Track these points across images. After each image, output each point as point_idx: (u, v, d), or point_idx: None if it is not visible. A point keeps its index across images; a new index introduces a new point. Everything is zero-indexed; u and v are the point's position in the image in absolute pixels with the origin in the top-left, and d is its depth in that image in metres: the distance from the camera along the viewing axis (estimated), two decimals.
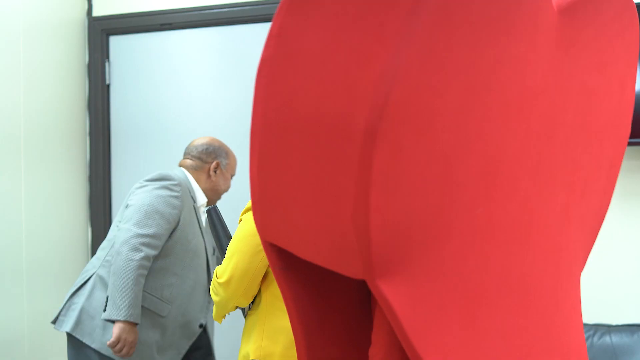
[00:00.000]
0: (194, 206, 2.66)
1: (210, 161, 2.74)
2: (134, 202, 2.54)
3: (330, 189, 1.03)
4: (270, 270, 1.81)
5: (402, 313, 1.00)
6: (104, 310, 2.42)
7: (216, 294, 1.83)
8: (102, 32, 3.52)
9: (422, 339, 1.02)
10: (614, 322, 3.00)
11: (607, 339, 2.89)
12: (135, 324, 2.42)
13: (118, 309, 2.38)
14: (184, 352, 2.65)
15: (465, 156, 1.06)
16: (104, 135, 3.51)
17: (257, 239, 1.76)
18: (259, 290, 1.85)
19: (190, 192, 2.66)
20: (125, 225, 2.48)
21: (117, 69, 3.53)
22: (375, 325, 1.27)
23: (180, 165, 2.76)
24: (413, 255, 1.03)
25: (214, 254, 2.88)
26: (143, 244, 2.44)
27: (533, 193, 1.22)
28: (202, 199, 2.73)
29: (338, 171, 1.00)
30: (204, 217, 2.78)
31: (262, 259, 1.77)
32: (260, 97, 1.09)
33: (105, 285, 2.52)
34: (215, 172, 2.74)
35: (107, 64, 3.53)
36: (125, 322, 2.38)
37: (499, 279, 1.15)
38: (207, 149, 2.76)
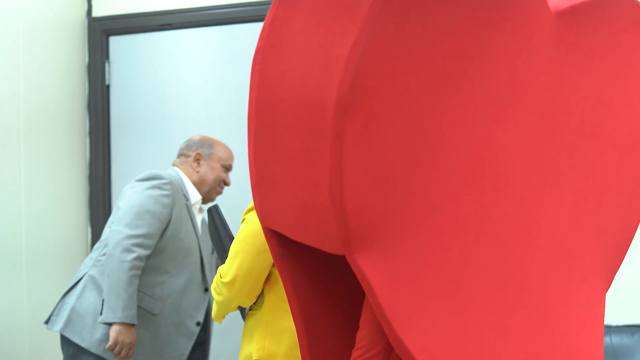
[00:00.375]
0: (186, 204, 2.67)
1: (191, 154, 2.76)
2: (124, 202, 2.55)
3: (312, 165, 1.04)
4: (274, 270, 1.81)
5: (379, 289, 1.01)
6: (101, 314, 2.44)
7: (219, 294, 1.82)
8: (102, 32, 3.52)
9: (399, 316, 1.03)
10: (614, 323, 2.99)
11: (607, 339, 2.89)
12: (132, 325, 2.43)
13: (113, 312, 2.40)
14: (187, 352, 2.64)
15: (449, 141, 1.07)
16: (104, 135, 3.51)
17: (261, 239, 1.76)
18: (262, 291, 1.85)
19: (182, 191, 2.67)
20: (116, 227, 2.50)
21: (117, 69, 3.53)
22: (364, 310, 1.28)
23: (173, 165, 2.79)
24: (393, 233, 1.03)
25: (212, 252, 2.88)
26: (135, 245, 2.46)
27: (532, 192, 1.21)
28: (195, 197, 2.73)
29: (317, 146, 1.02)
30: (198, 216, 2.78)
31: (267, 259, 1.77)
32: (255, 84, 1.12)
33: (96, 285, 2.54)
34: (198, 162, 2.75)
35: (106, 64, 3.54)
36: (121, 324, 2.40)
37: (490, 270, 1.15)
38: (188, 143, 2.80)
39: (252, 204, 1.82)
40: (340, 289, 1.39)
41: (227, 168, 2.81)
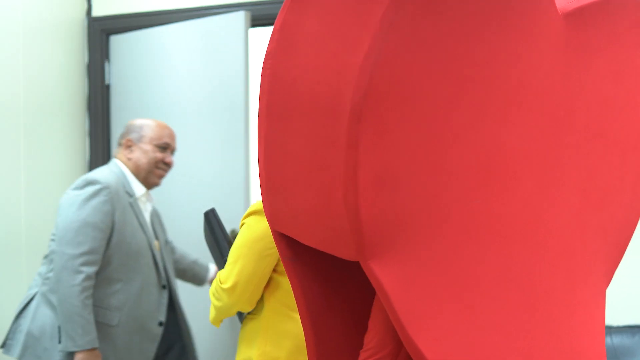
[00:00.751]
0: (130, 202, 2.57)
1: (123, 142, 2.68)
2: (62, 218, 2.43)
3: (325, 171, 1.06)
4: (274, 276, 1.81)
5: (394, 294, 1.02)
6: (59, 342, 2.37)
7: (218, 300, 1.81)
8: (101, 32, 3.52)
9: (413, 320, 1.04)
10: (614, 324, 3.00)
11: (608, 340, 2.89)
12: (95, 349, 2.36)
13: (72, 340, 2.33)
14: (152, 355, 2.59)
15: (458, 145, 1.08)
16: (103, 135, 3.51)
17: (262, 244, 1.75)
18: (261, 296, 1.84)
19: (125, 187, 2.57)
20: (58, 247, 2.38)
21: (117, 69, 3.53)
22: (373, 312, 1.29)
23: (113, 156, 2.71)
24: (406, 238, 1.05)
25: (166, 244, 2.79)
26: (81, 264, 2.36)
27: (538, 193, 1.22)
28: (140, 190, 2.64)
29: (330, 153, 1.04)
30: (146, 208, 2.69)
31: (267, 265, 1.76)
32: (265, 89, 1.13)
33: (48, 302, 2.46)
34: (130, 149, 2.66)
35: (106, 64, 3.53)
36: (82, 351, 2.33)
37: (499, 272, 1.16)
38: (122, 130, 2.72)
39: (251, 208, 1.82)
40: (348, 291, 1.40)
41: (163, 147, 2.68)
